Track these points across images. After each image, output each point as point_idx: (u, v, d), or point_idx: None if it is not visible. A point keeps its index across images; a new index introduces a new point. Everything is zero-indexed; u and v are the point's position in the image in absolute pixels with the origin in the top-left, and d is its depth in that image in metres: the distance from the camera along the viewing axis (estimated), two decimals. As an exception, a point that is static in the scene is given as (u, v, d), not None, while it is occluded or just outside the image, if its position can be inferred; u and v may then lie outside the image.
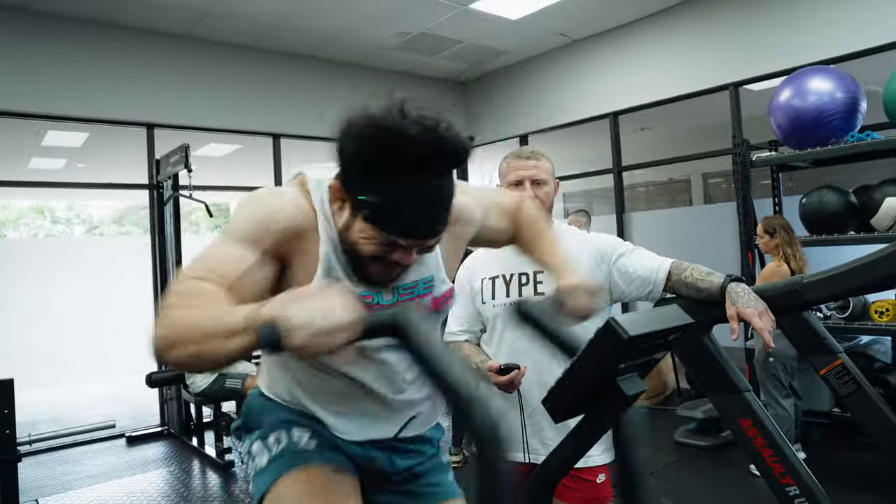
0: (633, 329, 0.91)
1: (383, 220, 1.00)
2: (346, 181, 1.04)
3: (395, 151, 0.94)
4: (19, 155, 7.60)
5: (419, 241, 1.04)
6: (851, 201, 3.90)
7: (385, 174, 0.97)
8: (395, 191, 0.97)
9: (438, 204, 1.02)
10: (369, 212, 1.00)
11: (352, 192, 1.03)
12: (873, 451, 3.75)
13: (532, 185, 1.79)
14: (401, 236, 1.01)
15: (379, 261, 1.06)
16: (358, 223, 1.03)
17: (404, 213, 0.99)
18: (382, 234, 1.01)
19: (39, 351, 5.60)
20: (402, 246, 1.03)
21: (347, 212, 1.05)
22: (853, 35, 4.28)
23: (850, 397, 1.72)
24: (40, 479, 4.23)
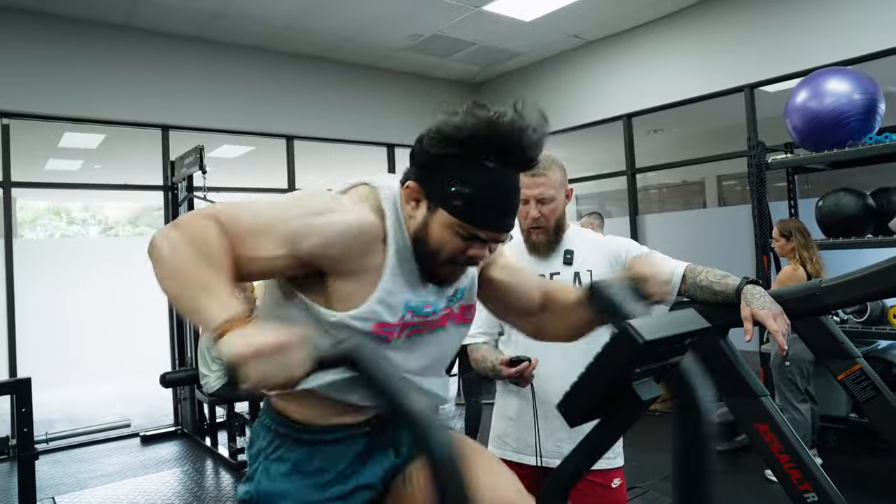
0: (650, 334, 0.90)
1: (470, 210, 1.04)
2: (425, 178, 1.07)
3: (485, 144, 1.02)
4: (36, 156, 7.69)
5: (499, 233, 1.08)
6: (869, 204, 3.85)
7: (472, 165, 1.03)
8: (482, 180, 1.03)
9: (516, 198, 1.09)
10: (458, 203, 1.04)
11: (434, 188, 1.06)
12: (892, 458, 3.72)
13: (538, 204, 1.77)
14: (485, 227, 1.06)
15: (451, 259, 1.09)
16: (439, 218, 1.06)
17: (489, 202, 1.04)
18: (467, 227, 1.05)
19: (56, 351, 5.65)
20: (481, 240, 1.07)
21: (424, 210, 1.08)
22: (871, 36, 4.23)
23: (869, 403, 1.70)
24: (57, 477, 4.27)
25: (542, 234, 1.80)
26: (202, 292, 0.91)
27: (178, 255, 0.94)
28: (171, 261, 0.94)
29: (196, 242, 0.95)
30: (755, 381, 1.51)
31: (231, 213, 1.02)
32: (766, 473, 3.58)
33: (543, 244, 1.82)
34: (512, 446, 1.83)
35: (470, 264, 1.12)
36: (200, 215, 1.00)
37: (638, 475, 3.74)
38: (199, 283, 0.92)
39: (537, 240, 1.81)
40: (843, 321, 3.99)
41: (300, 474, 1.18)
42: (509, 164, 1.05)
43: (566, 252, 1.83)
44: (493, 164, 1.04)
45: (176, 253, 0.94)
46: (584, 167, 6.87)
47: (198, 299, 0.91)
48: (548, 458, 1.75)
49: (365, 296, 1.08)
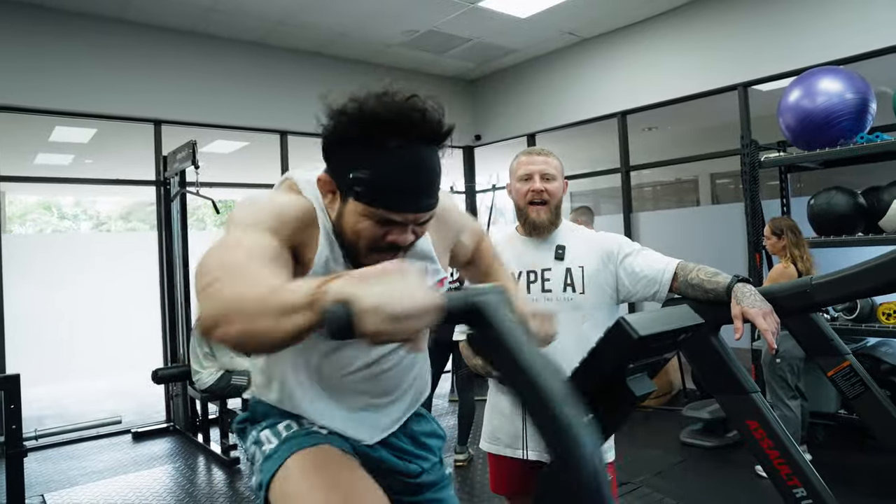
0: (644, 329, 0.90)
1: (375, 194, 1.01)
2: (333, 168, 1.06)
3: (377, 123, 0.98)
4: (26, 151, 7.63)
5: (411, 213, 1.04)
6: (860, 203, 3.87)
7: (370, 147, 1.00)
8: (382, 161, 1.00)
9: (425, 174, 1.03)
10: (361, 189, 1.01)
11: (341, 177, 1.04)
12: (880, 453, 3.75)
13: (541, 179, 1.81)
14: (393, 209, 1.02)
15: (375, 248, 1.06)
16: (350, 207, 1.04)
17: (394, 183, 1.00)
18: (376, 211, 1.02)
19: (46, 346, 5.62)
20: (396, 223, 1.04)
21: (339, 200, 1.07)
22: (863, 36, 4.25)
23: (858, 399, 1.71)
24: (46, 474, 4.25)
25: (545, 212, 1.81)
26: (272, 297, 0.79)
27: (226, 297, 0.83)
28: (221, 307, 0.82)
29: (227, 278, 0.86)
30: (746, 378, 1.52)
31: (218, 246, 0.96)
32: (756, 469, 3.60)
33: (545, 222, 1.82)
34: (504, 442, 1.83)
35: (393, 250, 1.07)
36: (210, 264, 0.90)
37: (629, 471, 3.76)
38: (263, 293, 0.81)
39: (538, 218, 1.82)
40: (833, 318, 4.02)
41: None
42: (412, 139, 1.00)
43: (558, 247, 1.83)
44: (396, 142, 0.99)
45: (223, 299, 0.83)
46: (578, 164, 6.88)
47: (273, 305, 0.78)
48: (538, 452, 1.76)
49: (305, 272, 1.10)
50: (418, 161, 1.02)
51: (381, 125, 0.98)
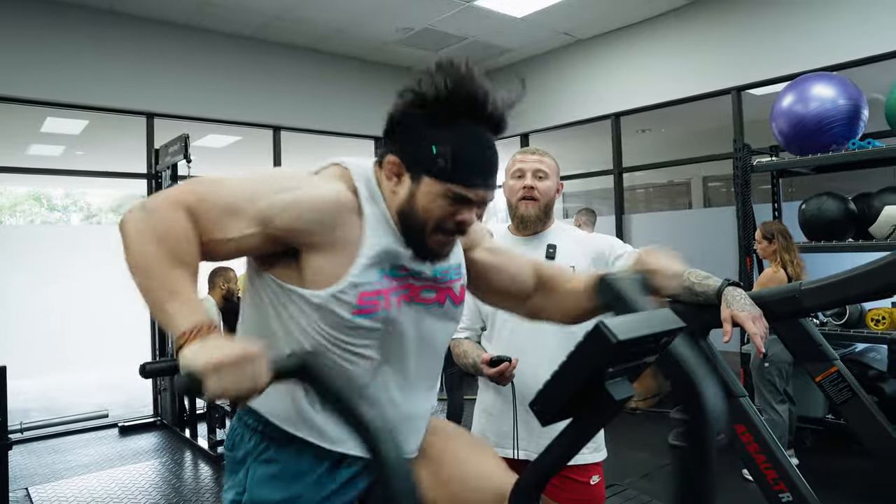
0: (623, 333, 0.89)
1: (456, 169, 1.05)
2: (405, 149, 1.09)
3: (460, 98, 1.04)
4: (17, 141, 7.57)
5: (486, 189, 1.09)
6: (851, 209, 3.90)
7: (450, 128, 1.05)
8: (461, 137, 1.05)
9: (495, 156, 1.10)
10: (441, 164, 1.05)
11: (416, 156, 1.07)
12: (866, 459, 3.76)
13: (533, 177, 1.80)
14: (472, 185, 1.06)
15: (440, 227, 1.09)
16: (424, 186, 1.07)
17: (473, 158, 1.06)
18: (454, 188, 1.06)
19: (34, 338, 5.58)
20: (467, 202, 1.08)
21: (408, 182, 1.08)
22: (857, 42, 4.27)
23: (845, 404, 1.72)
24: (31, 468, 4.22)
25: (533, 207, 1.81)
26: (168, 295, 0.93)
27: (145, 248, 0.95)
28: (137, 253, 0.95)
29: (162, 235, 0.95)
30: (734, 382, 1.52)
31: (201, 195, 1.01)
32: (743, 473, 3.61)
33: (532, 218, 1.81)
34: (492, 440, 1.83)
35: (459, 232, 1.12)
36: (170, 203, 0.99)
37: (617, 473, 3.76)
38: (167, 285, 0.94)
39: (527, 212, 1.81)
40: (822, 323, 4.04)
41: (293, 475, 1.15)
42: (481, 122, 1.07)
43: (549, 246, 1.83)
44: (467, 122, 1.06)
45: (143, 245, 0.95)
46: (571, 165, 6.88)
47: (164, 301, 0.93)
48: (528, 452, 1.76)
49: (344, 270, 1.07)
50: (489, 141, 1.09)
51: (459, 105, 1.04)
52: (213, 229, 1.00)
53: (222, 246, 1.02)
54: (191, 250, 0.98)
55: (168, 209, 0.98)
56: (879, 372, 4.04)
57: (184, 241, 0.97)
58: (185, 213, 0.98)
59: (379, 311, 1.09)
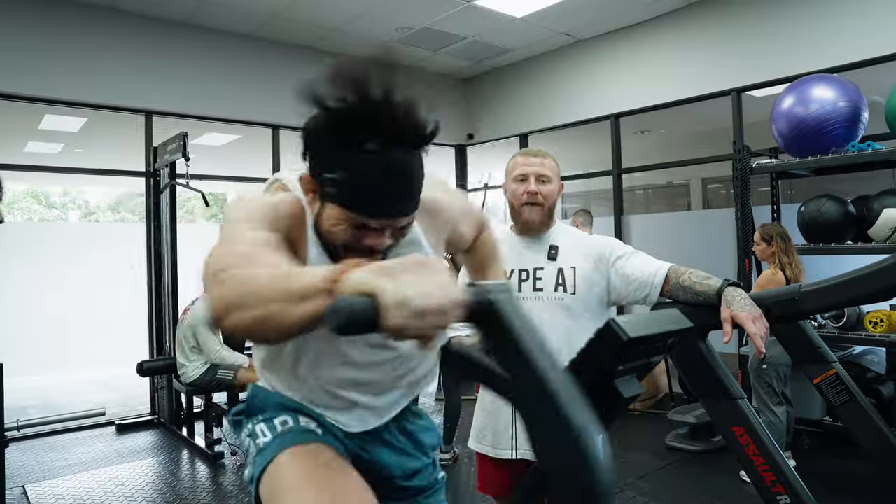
0: (633, 331, 0.90)
1: (348, 197, 0.97)
2: (313, 168, 1.03)
3: (352, 121, 0.92)
4: (16, 138, 7.56)
5: (386, 219, 1.00)
6: (850, 211, 3.90)
7: (345, 149, 0.95)
8: (356, 165, 0.94)
9: (403, 179, 0.98)
10: (335, 191, 0.98)
11: (317, 178, 1.02)
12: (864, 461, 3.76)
13: (536, 181, 1.81)
14: (367, 215, 0.98)
15: (352, 249, 1.03)
16: (327, 209, 1.02)
17: (367, 188, 0.96)
18: (350, 215, 0.98)
19: (31, 336, 5.57)
20: (372, 228, 1.00)
21: (318, 201, 1.05)
22: (857, 44, 4.27)
23: (843, 407, 1.72)
24: (28, 465, 4.21)
25: (538, 212, 1.82)
26: (289, 281, 0.77)
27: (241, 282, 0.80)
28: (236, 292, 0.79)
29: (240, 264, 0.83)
30: (733, 384, 1.52)
31: (221, 242, 0.96)
32: (740, 475, 3.61)
33: (536, 222, 1.82)
34: (489, 440, 1.83)
35: (371, 253, 1.03)
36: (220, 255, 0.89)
37: (615, 474, 3.76)
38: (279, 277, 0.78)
39: (530, 217, 1.82)
40: (820, 326, 4.04)
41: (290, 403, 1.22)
42: (390, 142, 0.94)
43: (551, 247, 1.84)
44: (372, 144, 0.93)
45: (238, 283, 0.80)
46: (570, 165, 6.88)
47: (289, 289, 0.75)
48: (524, 451, 1.75)
49: None
50: (395, 166, 0.96)
51: (356, 124, 0.92)
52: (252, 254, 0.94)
53: None
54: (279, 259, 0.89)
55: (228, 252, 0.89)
56: (877, 374, 4.05)
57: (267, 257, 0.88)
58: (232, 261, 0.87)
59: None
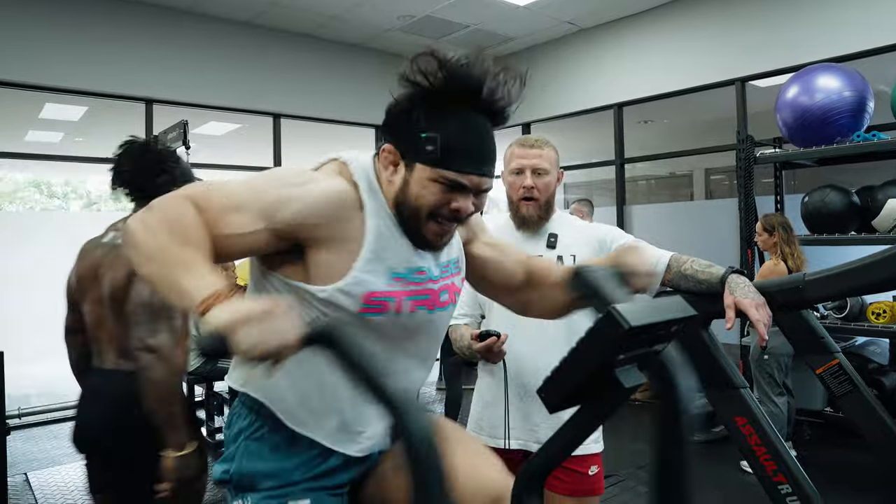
0: (635, 319, 0.88)
1: (446, 153, 1.05)
2: (400, 137, 1.09)
3: (454, 86, 1.04)
4: (16, 127, 7.54)
5: (479, 176, 1.08)
6: (854, 201, 3.87)
7: (440, 113, 1.05)
8: (453, 125, 1.05)
9: (491, 143, 1.10)
10: (432, 149, 1.05)
11: (409, 143, 1.07)
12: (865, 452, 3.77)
13: (532, 175, 1.78)
14: (464, 171, 1.06)
15: (434, 214, 1.09)
16: (417, 172, 1.07)
17: (464, 144, 1.06)
18: (446, 174, 1.05)
19: (33, 325, 5.57)
20: (462, 188, 1.07)
21: (403, 170, 1.09)
22: (862, 33, 4.23)
23: (845, 397, 1.71)
24: (30, 453, 4.22)
25: (534, 208, 1.79)
26: (182, 271, 0.90)
27: (155, 238, 0.93)
28: (147, 244, 0.94)
29: (172, 224, 0.94)
30: (735, 373, 1.51)
31: (205, 193, 1.01)
32: (741, 464, 3.62)
33: (534, 218, 1.80)
34: (486, 430, 1.82)
35: (455, 219, 1.11)
36: (174, 197, 0.99)
37: (616, 463, 3.77)
38: (179, 262, 0.91)
39: (527, 213, 1.80)
40: (823, 317, 4.03)
41: (284, 453, 1.16)
42: (477, 110, 1.07)
43: (550, 236, 1.82)
44: (462, 109, 1.06)
45: (152, 236, 0.93)
46: (573, 155, 6.85)
47: (178, 279, 0.90)
48: (522, 441, 1.75)
49: (348, 265, 1.07)
50: (483, 128, 1.09)
51: (453, 92, 1.04)
52: (220, 225, 0.99)
53: (227, 241, 1.00)
54: (202, 234, 0.96)
55: (174, 203, 0.98)
56: (879, 365, 4.04)
57: (193, 227, 0.96)
58: (192, 205, 0.98)
59: (388, 312, 1.11)
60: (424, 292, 1.15)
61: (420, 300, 1.15)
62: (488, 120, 1.09)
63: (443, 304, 1.20)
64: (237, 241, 1.01)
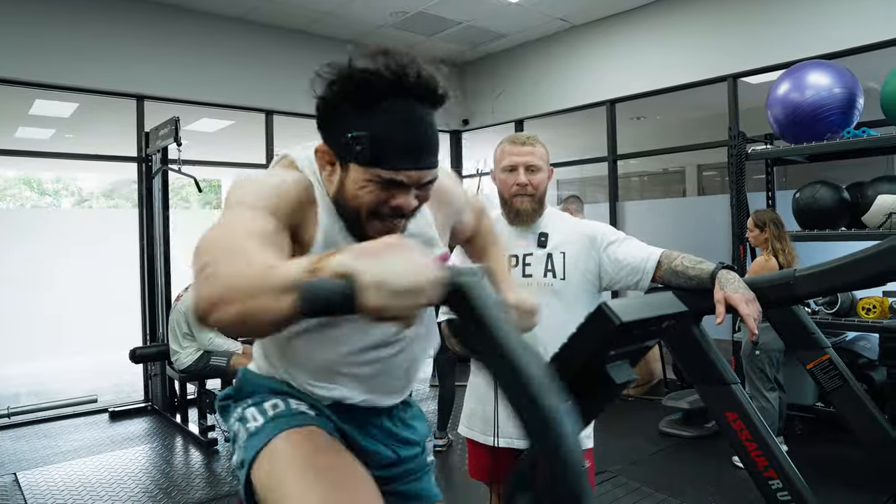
0: (626, 315, 0.88)
1: (377, 152, 0.99)
2: (331, 137, 1.05)
3: (373, 82, 0.96)
4: (6, 124, 7.47)
5: (413, 170, 1.01)
6: (844, 197, 3.89)
7: (367, 108, 0.98)
8: (384, 121, 0.98)
9: (427, 132, 1.02)
10: (361, 149, 0.99)
11: (340, 143, 1.02)
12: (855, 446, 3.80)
13: (526, 172, 1.78)
14: (395, 167, 1.00)
15: (374, 213, 1.04)
16: (352, 173, 1.02)
17: (396, 138, 0.99)
18: (379, 172, 1.00)
19: (24, 323, 5.54)
20: (400, 184, 1.01)
21: (339, 169, 1.05)
22: (853, 30, 4.25)
23: (836, 392, 1.72)
24: (20, 452, 4.19)
25: (528, 202, 1.80)
26: (268, 275, 0.76)
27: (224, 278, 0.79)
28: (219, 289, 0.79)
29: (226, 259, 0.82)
30: (726, 369, 1.51)
31: (216, 226, 0.93)
32: (733, 460, 3.63)
33: (528, 211, 1.81)
34: (478, 426, 1.83)
35: (397, 216, 1.06)
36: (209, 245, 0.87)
37: (607, 459, 3.78)
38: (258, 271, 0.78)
39: (521, 206, 1.80)
40: (813, 312, 4.05)
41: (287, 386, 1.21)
42: (408, 97, 0.99)
43: (541, 234, 1.82)
44: (391, 101, 0.98)
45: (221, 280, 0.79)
46: (565, 152, 6.86)
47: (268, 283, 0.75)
48: (509, 439, 1.75)
49: (310, 249, 1.08)
50: (415, 117, 1.00)
51: (376, 84, 0.97)
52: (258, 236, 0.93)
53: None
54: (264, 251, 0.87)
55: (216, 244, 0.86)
56: (869, 360, 4.06)
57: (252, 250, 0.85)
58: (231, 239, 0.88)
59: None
60: None
61: None
62: (422, 106, 1.01)
63: None
64: (276, 245, 0.96)
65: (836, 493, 3.18)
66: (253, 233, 0.91)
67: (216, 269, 0.81)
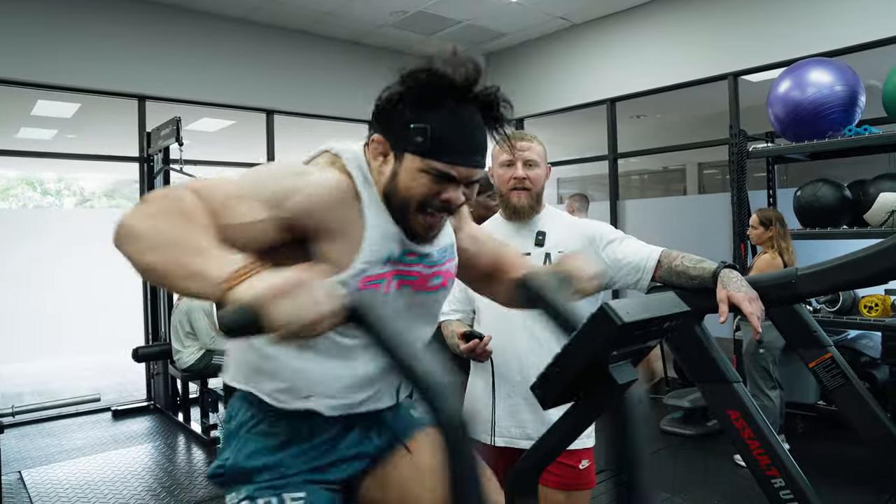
0: (628, 315, 0.88)
1: (435, 144, 1.04)
2: (389, 128, 1.08)
3: (441, 81, 1.03)
4: (8, 124, 7.49)
5: (468, 167, 1.07)
6: (846, 195, 3.89)
7: (431, 105, 1.05)
8: (445, 115, 1.05)
9: (480, 135, 1.09)
10: (421, 141, 1.04)
11: (398, 134, 1.06)
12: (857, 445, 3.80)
13: (523, 166, 1.78)
14: (453, 162, 1.05)
15: (424, 205, 1.08)
16: (407, 164, 1.06)
17: (453, 136, 1.05)
18: (434, 164, 1.05)
19: (27, 323, 5.55)
20: (451, 179, 1.06)
21: (392, 161, 1.08)
22: (854, 28, 4.24)
23: (838, 391, 1.72)
24: (24, 451, 4.21)
25: (526, 197, 1.80)
26: (196, 255, 0.85)
27: (158, 226, 0.87)
28: (150, 233, 0.87)
29: (175, 211, 0.89)
30: (728, 367, 1.51)
31: (204, 183, 0.99)
32: (735, 458, 3.64)
33: (525, 207, 1.81)
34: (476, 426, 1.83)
35: (444, 210, 1.10)
36: (174, 189, 0.95)
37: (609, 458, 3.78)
38: (190, 247, 0.85)
39: (519, 202, 1.80)
40: (815, 310, 4.04)
41: (284, 446, 1.16)
42: (467, 103, 1.06)
43: (538, 234, 1.82)
44: (451, 102, 1.05)
45: (154, 224, 0.87)
46: (566, 150, 6.86)
47: (192, 264, 0.84)
48: (509, 439, 1.76)
49: (350, 258, 1.07)
50: (473, 122, 1.08)
51: (446, 86, 1.04)
52: (223, 213, 0.95)
53: (232, 233, 0.94)
54: (207, 220, 0.91)
55: (172, 192, 0.94)
56: (871, 359, 4.06)
57: (198, 212, 0.91)
58: (192, 193, 0.94)
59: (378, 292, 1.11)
60: (412, 273, 1.16)
61: (407, 280, 1.16)
62: (478, 113, 1.09)
63: (432, 288, 1.20)
64: (242, 232, 0.97)
65: (838, 492, 3.18)
66: (221, 211, 0.95)
67: (168, 213, 0.89)
